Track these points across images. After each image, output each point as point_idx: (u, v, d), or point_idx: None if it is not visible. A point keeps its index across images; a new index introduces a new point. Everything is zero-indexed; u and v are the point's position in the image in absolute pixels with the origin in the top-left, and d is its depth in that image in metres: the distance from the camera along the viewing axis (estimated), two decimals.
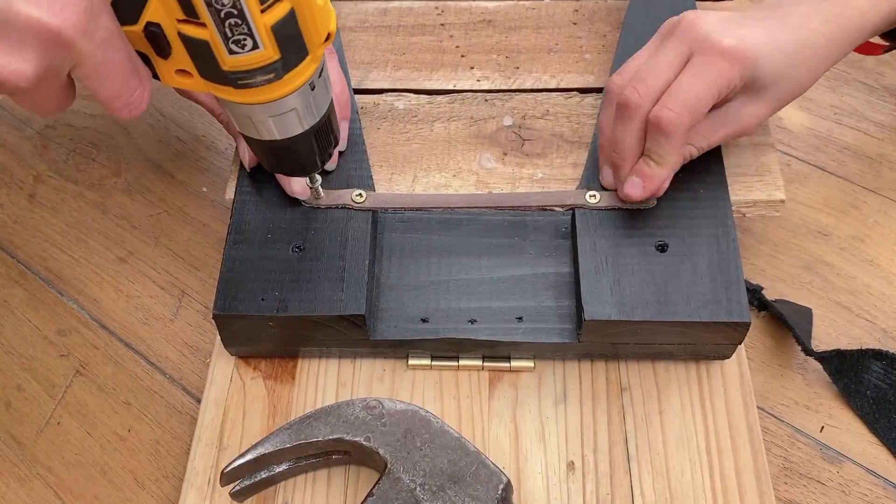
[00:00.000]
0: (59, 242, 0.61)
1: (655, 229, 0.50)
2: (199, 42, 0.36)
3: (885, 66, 0.70)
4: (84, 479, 0.50)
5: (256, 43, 0.36)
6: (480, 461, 0.44)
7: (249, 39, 0.35)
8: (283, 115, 0.40)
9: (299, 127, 0.42)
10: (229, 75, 0.37)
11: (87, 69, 0.38)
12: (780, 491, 0.49)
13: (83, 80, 0.39)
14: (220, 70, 0.37)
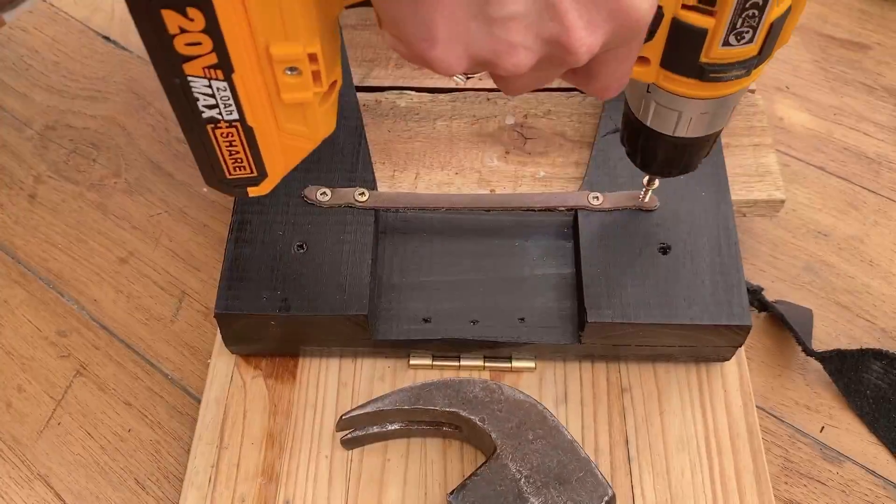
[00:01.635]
0: (60, 243, 0.61)
1: (657, 231, 0.50)
2: (695, 30, 0.34)
3: (884, 66, 0.70)
4: (84, 480, 0.50)
5: (753, 37, 0.34)
6: (589, 469, 0.44)
7: (750, 32, 0.34)
8: (708, 114, 0.39)
9: (712, 128, 0.41)
10: (704, 67, 0.35)
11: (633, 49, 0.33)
12: (780, 491, 0.49)
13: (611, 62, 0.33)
14: (694, 61, 0.35)
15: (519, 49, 0.29)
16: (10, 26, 0.75)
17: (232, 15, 0.29)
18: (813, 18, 0.73)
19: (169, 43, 0.30)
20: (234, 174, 0.36)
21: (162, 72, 0.31)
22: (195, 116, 0.33)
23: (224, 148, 0.34)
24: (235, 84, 0.31)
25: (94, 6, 0.76)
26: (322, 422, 0.50)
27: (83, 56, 0.72)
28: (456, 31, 0.28)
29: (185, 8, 0.28)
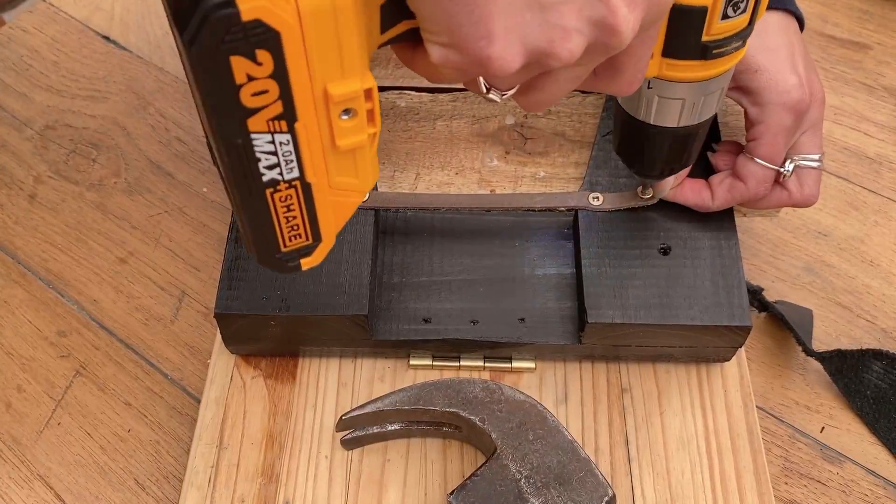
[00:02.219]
0: (60, 243, 0.61)
1: (658, 232, 0.50)
2: (695, 10, 0.35)
3: (884, 66, 0.70)
4: (84, 480, 0.50)
5: (748, 4, 0.35)
6: (589, 469, 0.44)
7: (746, 1, 0.35)
8: (710, 95, 0.40)
9: (710, 111, 0.41)
10: (707, 45, 0.36)
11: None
12: (780, 491, 0.49)
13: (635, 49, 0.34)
14: (696, 42, 0.36)
15: (572, 33, 0.29)
16: (10, 26, 0.75)
17: (297, 54, 0.28)
18: (813, 18, 0.73)
19: (235, 95, 0.28)
20: (290, 245, 0.34)
21: (224, 132, 0.29)
22: (255, 181, 0.31)
23: (281, 215, 0.33)
24: (298, 134, 0.30)
25: (94, 6, 0.76)
26: (322, 422, 0.50)
27: (83, 56, 0.72)
28: (512, 23, 0.29)
29: (255, 51, 0.27)
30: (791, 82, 0.45)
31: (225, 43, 0.26)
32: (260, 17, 0.26)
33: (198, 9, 0.26)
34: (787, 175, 0.48)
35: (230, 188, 0.32)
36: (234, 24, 0.26)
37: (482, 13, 0.28)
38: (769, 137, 0.46)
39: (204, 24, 0.26)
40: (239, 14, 0.26)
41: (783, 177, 0.48)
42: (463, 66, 0.30)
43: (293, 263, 0.35)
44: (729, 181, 0.48)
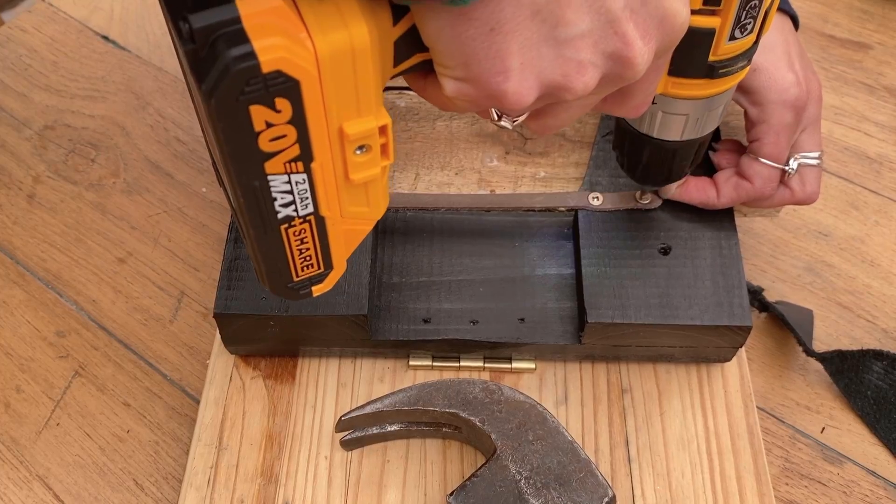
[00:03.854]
0: (58, 243, 0.61)
1: (658, 232, 0.50)
2: (703, 32, 0.35)
3: (885, 66, 0.70)
4: (83, 481, 0.50)
5: (755, 25, 0.35)
6: (590, 470, 0.44)
7: (752, 22, 0.35)
8: (713, 111, 0.40)
9: (713, 125, 0.42)
10: (714, 65, 0.36)
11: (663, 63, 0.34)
12: (781, 491, 0.49)
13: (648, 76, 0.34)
14: (703, 62, 0.36)
15: (587, 66, 0.29)
16: (9, 26, 0.75)
17: (315, 99, 0.28)
18: (814, 18, 0.73)
19: (254, 142, 0.28)
20: (302, 275, 0.35)
21: (241, 176, 0.29)
22: (270, 219, 0.31)
23: (295, 247, 0.33)
24: (314, 173, 0.30)
25: (93, 6, 0.76)
26: (321, 422, 0.49)
27: (82, 56, 0.72)
28: (527, 58, 0.29)
29: (274, 100, 0.27)
30: (789, 80, 0.45)
31: (245, 94, 0.26)
32: (280, 68, 0.26)
33: (218, 60, 0.26)
34: (792, 173, 0.48)
35: (245, 225, 0.32)
36: (254, 75, 0.26)
37: (499, 49, 0.28)
38: (772, 136, 0.46)
39: (224, 75, 0.26)
40: (259, 66, 0.26)
41: (787, 175, 0.48)
42: (477, 100, 0.30)
43: (305, 291, 0.36)
44: (735, 180, 0.48)
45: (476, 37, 0.28)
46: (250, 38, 0.26)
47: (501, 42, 0.28)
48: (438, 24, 0.28)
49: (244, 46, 0.26)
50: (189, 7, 0.26)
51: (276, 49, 0.26)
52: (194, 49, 0.26)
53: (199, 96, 0.28)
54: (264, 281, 0.35)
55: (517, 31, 0.28)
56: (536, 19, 0.28)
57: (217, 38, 0.26)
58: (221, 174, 0.33)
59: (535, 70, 0.29)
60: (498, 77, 0.29)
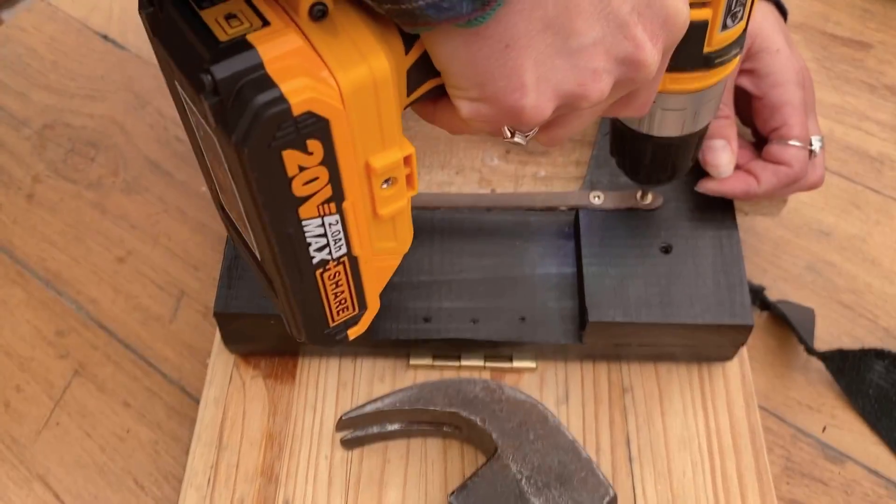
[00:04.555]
0: (58, 242, 0.61)
1: (659, 230, 0.50)
2: (696, 25, 0.35)
3: (886, 65, 0.70)
4: (83, 480, 0.50)
5: (744, 12, 0.36)
6: (591, 469, 0.44)
7: (741, 9, 0.35)
8: (710, 102, 0.40)
9: (709, 117, 0.42)
10: (709, 56, 0.37)
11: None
12: (782, 491, 0.49)
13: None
14: (698, 55, 0.36)
15: (601, 74, 0.30)
16: (8, 25, 0.75)
17: (345, 137, 0.27)
18: (815, 17, 0.73)
19: (287, 188, 0.27)
20: (338, 318, 0.34)
21: (275, 225, 0.29)
22: (305, 265, 0.31)
23: (330, 291, 0.32)
24: (346, 213, 0.30)
25: (92, 5, 0.76)
26: (322, 422, 0.49)
27: (81, 55, 0.72)
28: (543, 71, 0.29)
29: (306, 142, 0.26)
30: (798, 62, 0.47)
31: (277, 139, 0.26)
32: (310, 109, 0.26)
33: (247, 109, 0.25)
34: (817, 153, 0.48)
35: (278, 276, 0.31)
36: (285, 119, 0.25)
37: (514, 65, 0.28)
38: (798, 116, 0.47)
39: (256, 123, 0.25)
40: (290, 109, 0.25)
41: (813, 155, 0.48)
42: (495, 119, 0.30)
43: (341, 336, 0.35)
44: (772, 167, 0.48)
45: (491, 55, 0.28)
46: (277, 83, 0.25)
47: (516, 58, 0.28)
48: (452, 47, 0.28)
49: (272, 91, 0.25)
50: (207, 59, 0.25)
51: (305, 90, 0.25)
52: (219, 101, 0.25)
53: (226, 149, 0.27)
54: (299, 331, 0.34)
55: (531, 46, 0.28)
56: (549, 32, 0.28)
57: (242, 86, 0.25)
58: (246, 227, 0.32)
59: (552, 83, 0.29)
60: (515, 94, 0.29)
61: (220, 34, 0.26)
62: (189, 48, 0.27)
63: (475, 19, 0.26)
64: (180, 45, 0.27)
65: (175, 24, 0.28)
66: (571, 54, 0.29)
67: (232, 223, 0.36)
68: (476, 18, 0.26)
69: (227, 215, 0.36)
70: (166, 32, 0.28)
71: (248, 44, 0.26)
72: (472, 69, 0.28)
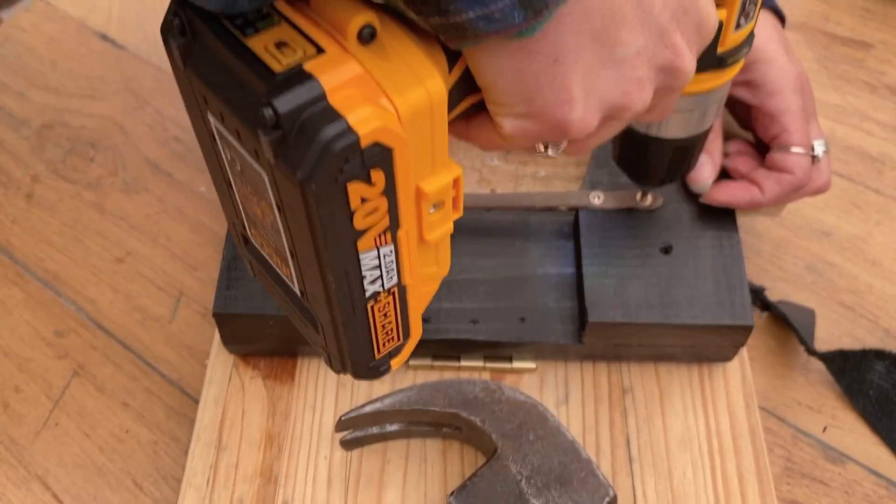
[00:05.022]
0: (57, 243, 0.60)
1: (660, 231, 0.50)
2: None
3: (887, 65, 0.69)
4: (82, 481, 0.50)
5: (756, 11, 0.36)
6: (591, 470, 0.44)
7: (753, 8, 0.35)
8: (718, 101, 0.41)
9: (716, 116, 0.42)
10: (723, 56, 0.37)
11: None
12: (782, 491, 0.49)
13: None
14: (713, 55, 0.36)
15: (645, 83, 0.29)
16: (7, 25, 0.74)
17: (405, 163, 0.26)
18: (815, 17, 0.73)
19: (348, 222, 0.26)
20: (383, 350, 0.33)
21: (334, 261, 0.27)
22: (358, 299, 0.29)
23: (379, 324, 0.31)
24: (400, 242, 0.29)
25: (91, 4, 0.75)
26: (321, 422, 0.49)
27: (80, 55, 0.72)
28: (590, 84, 0.28)
29: (370, 172, 0.25)
30: (795, 68, 0.47)
31: (343, 172, 0.24)
32: (377, 139, 0.24)
33: (313, 143, 0.24)
34: (820, 158, 0.48)
35: (328, 313, 0.30)
36: (354, 151, 0.24)
37: (563, 78, 0.27)
38: (797, 123, 0.47)
39: (325, 157, 0.24)
40: (359, 141, 0.24)
41: (815, 160, 0.48)
42: (539, 134, 0.30)
43: (385, 368, 0.34)
44: (775, 175, 0.48)
45: (540, 70, 0.27)
46: (342, 114, 0.24)
47: (565, 71, 0.27)
48: (499, 63, 0.27)
49: (338, 123, 0.24)
50: (264, 92, 0.24)
51: (372, 120, 0.24)
52: (281, 136, 0.24)
53: (285, 184, 0.25)
54: (344, 367, 0.33)
55: (579, 59, 0.27)
56: (596, 43, 0.27)
57: (305, 119, 0.24)
58: (286, 263, 0.31)
59: (598, 95, 0.29)
60: (564, 107, 0.28)
61: (275, 64, 0.25)
62: (238, 80, 0.25)
63: (526, 30, 0.25)
64: (225, 76, 0.26)
65: (215, 54, 0.26)
66: (617, 65, 0.28)
67: (261, 259, 0.34)
68: (527, 29, 0.25)
69: (255, 250, 0.34)
70: (203, 63, 0.26)
71: (307, 74, 0.24)
72: (520, 85, 0.28)
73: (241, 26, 0.26)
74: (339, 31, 0.26)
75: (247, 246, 0.35)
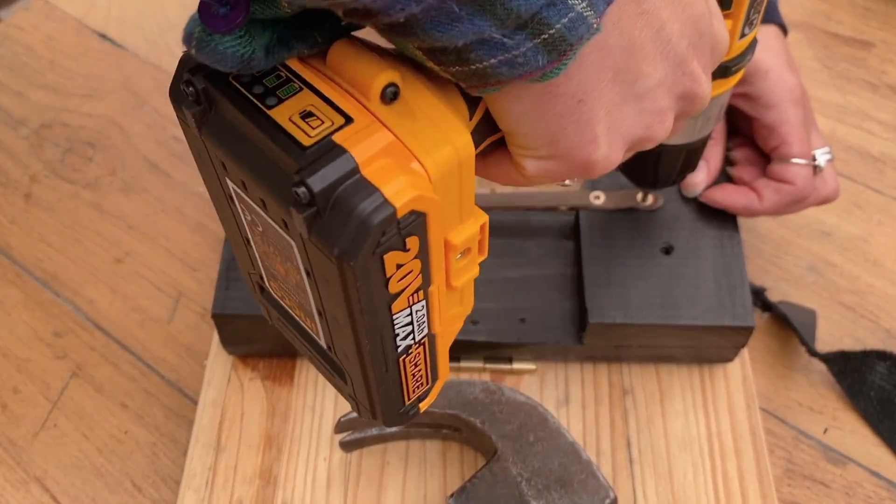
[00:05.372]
0: (55, 243, 0.60)
1: (660, 231, 0.50)
2: None
3: (888, 64, 0.69)
4: (80, 482, 0.50)
5: (759, 18, 0.36)
6: (591, 471, 0.44)
7: (756, 16, 0.36)
8: (722, 106, 0.41)
9: (718, 119, 0.43)
10: (728, 64, 0.37)
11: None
12: (783, 493, 0.49)
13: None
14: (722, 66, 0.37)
15: (666, 113, 0.29)
16: (6, 24, 0.74)
17: (437, 223, 0.25)
18: (817, 16, 0.73)
19: (384, 289, 0.26)
20: (413, 396, 0.32)
21: (370, 326, 0.27)
22: (390, 356, 0.29)
23: (409, 373, 0.31)
24: (431, 296, 0.28)
25: (89, 4, 0.75)
26: (320, 424, 0.49)
27: (79, 54, 0.71)
28: (613, 121, 0.28)
29: (405, 240, 0.24)
30: (794, 80, 0.47)
31: (381, 245, 0.24)
32: (414, 208, 0.24)
33: (350, 219, 0.23)
34: (822, 168, 0.48)
35: (360, 370, 0.29)
36: (390, 223, 0.23)
37: (587, 119, 0.27)
38: (797, 134, 0.47)
39: (364, 232, 0.23)
40: (396, 212, 0.23)
41: (818, 171, 0.48)
42: (562, 174, 0.29)
43: (413, 411, 0.33)
44: (774, 185, 0.49)
45: (563, 112, 0.26)
46: (377, 186, 0.23)
47: (589, 111, 0.27)
48: (521, 107, 0.26)
49: (375, 197, 0.23)
50: (295, 169, 0.23)
51: (407, 190, 0.23)
52: (315, 212, 0.23)
53: (319, 258, 0.24)
54: (374, 416, 0.32)
55: (602, 96, 0.27)
56: (617, 80, 0.27)
57: (339, 194, 0.23)
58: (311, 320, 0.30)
59: (622, 131, 0.28)
60: (588, 147, 0.28)
61: (303, 138, 0.24)
62: (263, 153, 0.24)
63: (550, 72, 0.25)
64: (248, 147, 0.25)
65: (236, 125, 0.25)
66: (638, 98, 0.28)
67: (280, 308, 0.33)
68: (551, 71, 0.24)
69: (272, 299, 0.33)
70: (221, 130, 0.25)
71: (338, 147, 0.23)
72: (544, 128, 0.27)
73: (261, 95, 0.25)
74: (360, 91, 0.25)
75: (262, 293, 0.34)
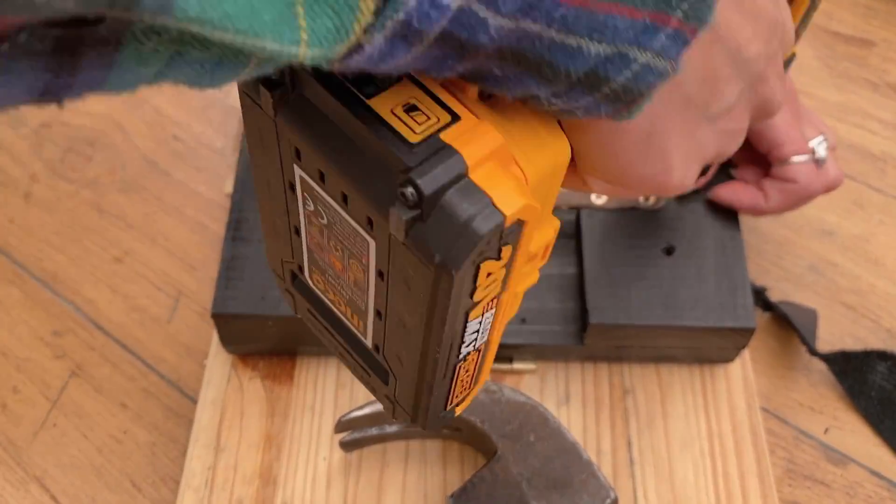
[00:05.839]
0: (55, 242, 0.60)
1: (662, 231, 0.49)
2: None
3: (890, 63, 0.69)
4: (80, 482, 0.50)
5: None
6: (592, 472, 0.44)
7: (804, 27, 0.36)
8: None
9: None
10: None
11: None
12: (784, 493, 0.49)
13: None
14: None
15: (740, 132, 0.28)
16: None
17: (530, 231, 0.24)
18: (818, 15, 0.72)
19: (469, 299, 0.24)
20: (455, 400, 0.31)
21: (447, 338, 0.25)
22: (451, 363, 0.27)
23: (460, 380, 0.29)
24: (501, 304, 0.26)
25: None
26: (320, 424, 0.49)
27: None
28: (688, 147, 0.27)
29: (501, 250, 0.23)
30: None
31: (482, 254, 0.22)
32: (520, 217, 0.22)
33: (457, 226, 0.21)
34: (823, 158, 0.48)
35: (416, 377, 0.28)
36: (497, 232, 0.22)
37: (659, 149, 0.26)
38: (788, 134, 0.47)
39: (468, 241, 0.21)
40: (504, 221, 0.22)
41: (819, 162, 0.48)
42: (632, 195, 0.29)
43: (450, 415, 0.32)
44: (779, 184, 0.49)
45: (632, 147, 0.25)
46: (486, 191, 0.22)
47: (659, 143, 0.26)
48: (588, 138, 0.25)
49: (483, 204, 0.21)
50: (402, 168, 0.21)
51: (516, 198, 0.22)
52: (418, 215, 0.21)
53: (412, 263, 0.23)
54: (414, 419, 0.31)
55: (674, 127, 0.25)
56: (690, 106, 0.25)
57: (445, 198, 0.21)
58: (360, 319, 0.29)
59: (697, 155, 0.27)
60: (661, 176, 0.27)
61: (409, 134, 0.22)
62: (358, 147, 0.22)
63: (617, 117, 0.23)
64: (339, 139, 0.23)
65: (324, 111, 0.23)
66: (712, 121, 0.27)
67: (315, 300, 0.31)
68: (619, 116, 0.23)
69: (306, 289, 0.31)
70: (302, 114, 0.23)
71: (447, 147, 0.22)
72: (613, 160, 0.26)
73: (357, 81, 0.22)
74: (457, 86, 0.23)
75: (294, 284, 0.32)
